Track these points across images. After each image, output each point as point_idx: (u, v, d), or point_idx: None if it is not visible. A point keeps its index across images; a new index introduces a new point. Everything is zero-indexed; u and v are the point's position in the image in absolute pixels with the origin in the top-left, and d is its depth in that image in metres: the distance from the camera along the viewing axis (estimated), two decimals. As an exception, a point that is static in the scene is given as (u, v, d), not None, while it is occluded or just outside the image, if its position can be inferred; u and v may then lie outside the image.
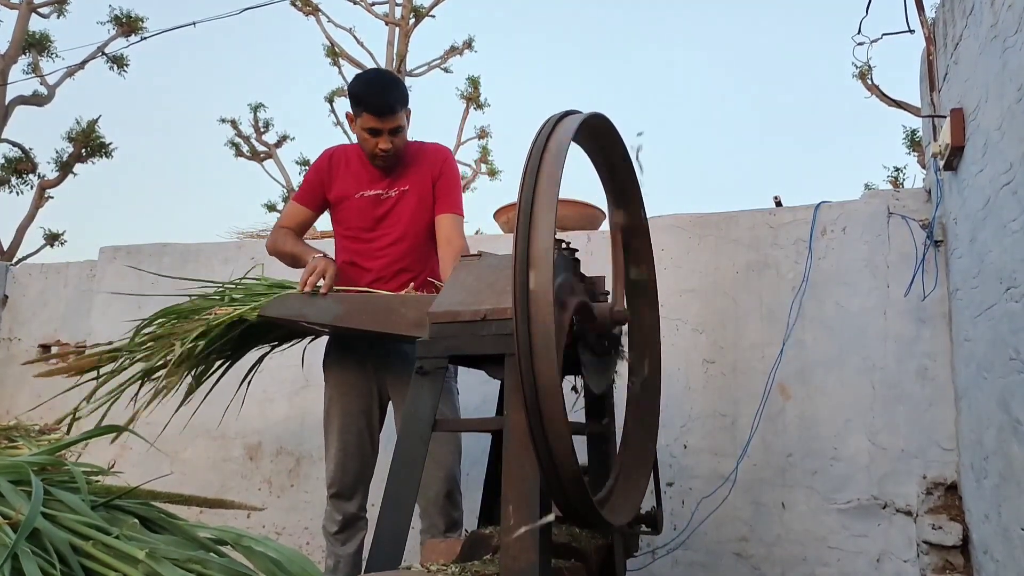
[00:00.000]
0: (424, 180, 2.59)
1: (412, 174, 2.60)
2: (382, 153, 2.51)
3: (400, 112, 2.50)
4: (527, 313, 1.47)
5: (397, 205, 2.57)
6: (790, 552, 2.88)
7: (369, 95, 2.48)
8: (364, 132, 2.50)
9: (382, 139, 2.50)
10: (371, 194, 2.59)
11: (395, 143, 2.51)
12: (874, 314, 2.89)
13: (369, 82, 2.58)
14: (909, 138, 10.01)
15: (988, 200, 2.10)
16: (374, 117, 2.47)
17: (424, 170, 2.59)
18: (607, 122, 1.93)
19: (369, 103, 2.47)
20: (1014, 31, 1.83)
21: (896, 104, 8.20)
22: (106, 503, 1.01)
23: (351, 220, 2.60)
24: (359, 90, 2.51)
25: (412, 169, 2.60)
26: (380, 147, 2.50)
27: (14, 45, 10.71)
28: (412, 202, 2.57)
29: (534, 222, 1.51)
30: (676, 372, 3.07)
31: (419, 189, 2.58)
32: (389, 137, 2.50)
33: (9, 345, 4.26)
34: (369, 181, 2.60)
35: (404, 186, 2.58)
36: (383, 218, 2.58)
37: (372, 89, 2.51)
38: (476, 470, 3.03)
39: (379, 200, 2.58)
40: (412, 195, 2.57)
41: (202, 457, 3.63)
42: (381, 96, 2.48)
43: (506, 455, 1.68)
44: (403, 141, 2.55)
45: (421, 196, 2.58)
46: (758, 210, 3.16)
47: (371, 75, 2.74)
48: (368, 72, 2.83)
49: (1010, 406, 1.96)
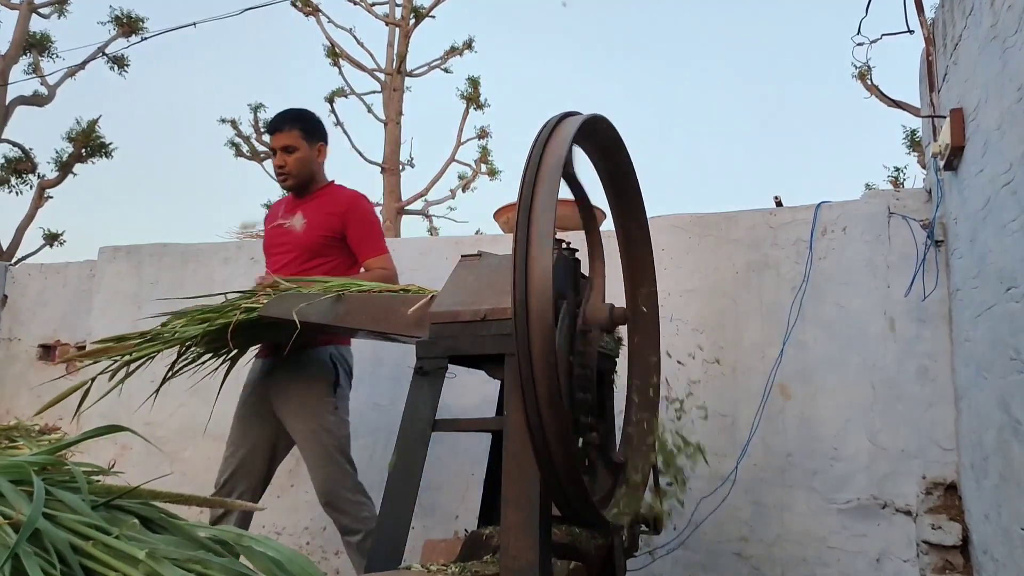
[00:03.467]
0: (325, 217, 2.76)
1: (317, 209, 2.79)
2: (278, 170, 2.78)
3: (290, 131, 2.76)
4: (527, 313, 1.47)
5: (292, 232, 2.79)
6: (790, 552, 2.88)
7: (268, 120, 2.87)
8: (271, 156, 2.82)
9: (277, 157, 2.77)
10: (278, 224, 2.84)
11: (288, 162, 2.76)
12: (874, 314, 2.89)
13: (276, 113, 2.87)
14: (909, 138, 10.02)
15: (988, 200, 2.10)
16: (269, 134, 2.81)
17: (328, 209, 2.78)
18: (607, 124, 1.93)
19: (268, 124, 2.86)
20: (1014, 31, 1.83)
21: (896, 104, 8.20)
22: (106, 503, 1.01)
23: (264, 249, 2.92)
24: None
25: (318, 204, 2.80)
26: (276, 164, 2.78)
27: (14, 45, 10.71)
28: (303, 231, 2.77)
29: (534, 222, 1.51)
30: (676, 372, 3.07)
31: (315, 221, 2.76)
32: (282, 155, 2.76)
33: (9, 345, 4.26)
34: (282, 214, 2.86)
35: (305, 219, 2.79)
36: (280, 244, 2.81)
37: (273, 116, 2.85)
38: (476, 470, 3.03)
39: (282, 229, 2.82)
40: (308, 226, 2.77)
41: (202, 457, 3.63)
42: (274, 118, 2.82)
43: (506, 455, 1.68)
44: (299, 164, 2.78)
45: (314, 227, 2.76)
46: (758, 210, 3.16)
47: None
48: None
49: (1010, 406, 1.96)
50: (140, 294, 3.89)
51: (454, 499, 3.25)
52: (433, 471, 2.88)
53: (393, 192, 10.94)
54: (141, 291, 3.89)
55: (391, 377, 3.40)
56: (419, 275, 3.16)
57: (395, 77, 11.02)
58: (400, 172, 11.12)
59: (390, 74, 11.08)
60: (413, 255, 3.54)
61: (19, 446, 1.27)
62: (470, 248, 2.86)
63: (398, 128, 11.00)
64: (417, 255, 3.54)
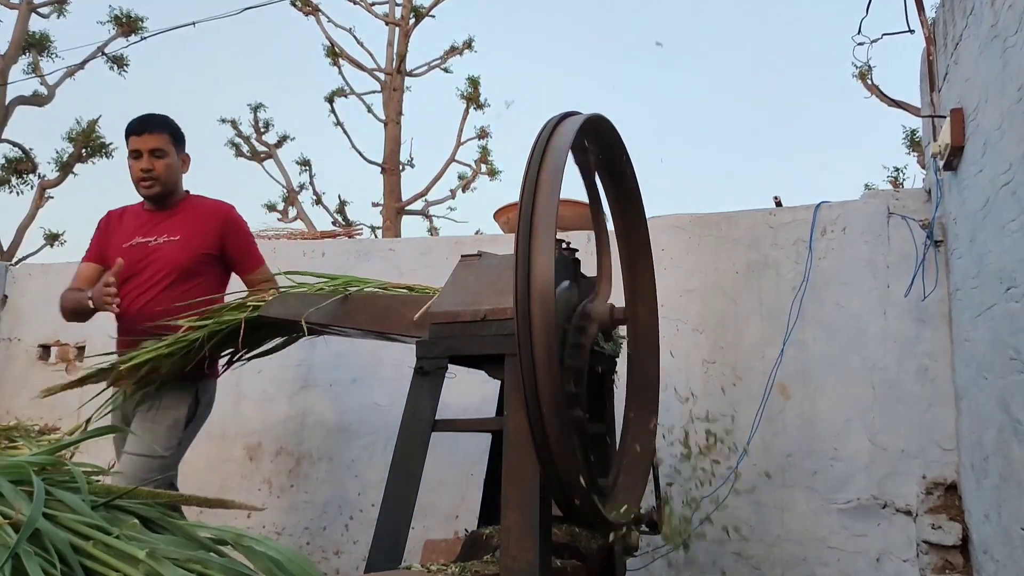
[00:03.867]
0: (200, 234, 2.59)
1: (187, 225, 2.61)
2: (144, 175, 2.55)
3: (160, 134, 2.57)
4: (527, 313, 1.47)
5: (159, 250, 2.58)
6: (790, 552, 2.88)
7: (130, 121, 2.58)
8: (129, 159, 2.58)
9: (143, 160, 2.54)
10: (139, 242, 2.60)
11: (157, 167, 2.55)
12: (874, 314, 2.89)
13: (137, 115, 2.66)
14: (909, 138, 10.00)
15: (988, 200, 2.10)
16: (134, 136, 2.56)
17: (202, 225, 2.61)
18: (607, 123, 1.93)
19: (130, 126, 2.57)
20: (1014, 31, 1.83)
21: (896, 104, 8.19)
22: (106, 503, 1.01)
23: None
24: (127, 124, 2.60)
25: (187, 219, 2.62)
26: (141, 167, 2.54)
27: (14, 45, 10.71)
28: (176, 248, 2.57)
29: (534, 222, 1.51)
30: (676, 372, 3.07)
31: (189, 238, 2.58)
32: (150, 158, 2.54)
33: (9, 345, 4.26)
34: (137, 229, 2.62)
35: (174, 235, 2.59)
36: (144, 263, 2.57)
37: (136, 117, 2.62)
38: (476, 470, 3.03)
39: (145, 247, 2.59)
40: (182, 244, 2.57)
41: (202, 457, 3.63)
42: (140, 119, 2.59)
43: (506, 455, 1.68)
44: (169, 171, 2.59)
45: (190, 245, 2.58)
46: (758, 210, 3.16)
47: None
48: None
49: (1010, 406, 1.96)
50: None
51: (454, 499, 3.25)
52: (433, 471, 2.87)
53: (393, 192, 10.94)
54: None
55: (391, 377, 3.40)
56: (419, 275, 3.16)
57: (395, 77, 11.02)
58: (400, 172, 11.12)
59: (390, 74, 11.07)
60: (413, 255, 3.55)
61: (19, 446, 1.27)
62: (470, 248, 2.86)
63: (398, 128, 11.00)
64: (417, 255, 3.54)
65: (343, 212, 12.79)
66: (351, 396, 3.52)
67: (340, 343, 3.32)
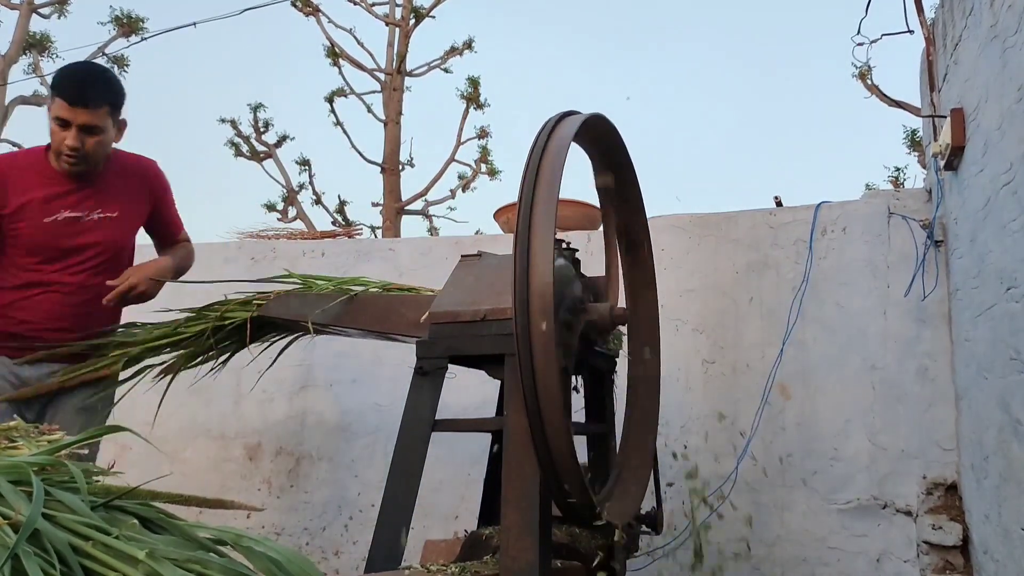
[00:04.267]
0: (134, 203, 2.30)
1: (119, 195, 2.28)
2: (68, 151, 2.13)
3: (98, 109, 2.13)
4: (527, 313, 1.47)
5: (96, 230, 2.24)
6: (790, 552, 2.88)
7: (66, 79, 2.13)
8: (53, 122, 2.13)
9: (70, 134, 2.11)
10: (66, 217, 2.20)
11: (87, 145, 2.14)
12: (874, 314, 2.89)
13: (74, 70, 2.22)
14: (909, 138, 10.00)
15: (988, 200, 2.10)
16: (66, 104, 2.10)
17: (133, 194, 2.31)
18: (607, 123, 1.93)
19: (63, 88, 2.11)
20: (1014, 31, 1.83)
21: (896, 104, 8.19)
22: (106, 503, 1.01)
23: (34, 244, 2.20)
24: (59, 74, 2.16)
25: (118, 189, 2.28)
26: (67, 143, 2.12)
27: (15, 45, 10.71)
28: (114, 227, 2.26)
29: (534, 222, 1.51)
30: (676, 372, 3.07)
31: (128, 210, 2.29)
32: (80, 135, 2.12)
33: (9, 345, 4.26)
34: (61, 201, 2.20)
35: (111, 211, 2.26)
36: (76, 251, 2.23)
37: (73, 75, 2.15)
38: (476, 470, 3.03)
39: (74, 225, 2.21)
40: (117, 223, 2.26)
41: (202, 457, 3.63)
42: (79, 84, 2.12)
43: (506, 455, 1.68)
44: (100, 148, 2.18)
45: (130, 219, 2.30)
46: (758, 210, 3.16)
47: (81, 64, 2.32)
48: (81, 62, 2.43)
49: (1010, 406, 1.96)
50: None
51: (454, 499, 3.25)
52: (433, 471, 2.88)
53: (393, 192, 10.93)
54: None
55: (391, 377, 3.40)
56: (419, 275, 3.16)
57: (395, 77, 11.02)
58: (400, 172, 11.11)
59: (390, 74, 11.07)
60: (413, 255, 3.55)
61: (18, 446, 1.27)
62: (470, 248, 2.86)
63: (398, 128, 11.00)
64: (417, 255, 3.54)
65: (343, 212, 12.78)
66: (351, 396, 3.51)
67: (340, 343, 3.32)
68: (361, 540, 3.34)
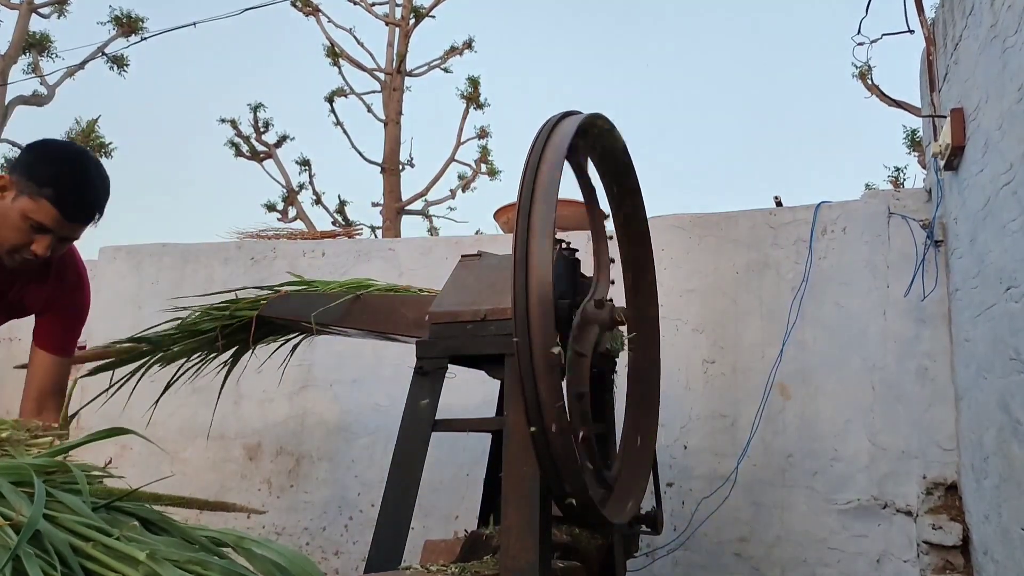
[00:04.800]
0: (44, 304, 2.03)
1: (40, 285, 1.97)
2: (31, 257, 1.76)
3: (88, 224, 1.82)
4: (527, 313, 1.47)
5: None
6: (790, 553, 2.88)
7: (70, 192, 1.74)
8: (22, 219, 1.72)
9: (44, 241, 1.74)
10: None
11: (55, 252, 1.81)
12: (874, 314, 2.89)
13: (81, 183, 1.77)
14: (909, 138, 9.99)
15: (988, 200, 2.10)
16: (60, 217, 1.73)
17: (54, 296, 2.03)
18: (607, 123, 1.93)
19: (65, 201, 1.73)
20: (1014, 31, 1.83)
21: (896, 104, 8.19)
22: (107, 504, 1.01)
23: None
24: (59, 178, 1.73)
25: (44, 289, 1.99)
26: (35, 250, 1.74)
27: (14, 45, 10.70)
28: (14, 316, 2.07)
29: (534, 222, 1.51)
30: (676, 372, 3.07)
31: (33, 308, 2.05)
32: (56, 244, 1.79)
33: (9, 345, 4.26)
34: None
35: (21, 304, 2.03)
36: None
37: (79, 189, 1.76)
38: (475, 470, 3.03)
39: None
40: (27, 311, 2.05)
41: (202, 457, 3.63)
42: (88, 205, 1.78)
43: (506, 455, 1.68)
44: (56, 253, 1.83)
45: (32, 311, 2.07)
46: (758, 210, 3.16)
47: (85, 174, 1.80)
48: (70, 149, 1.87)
49: (1010, 406, 1.96)
50: (140, 294, 3.88)
51: (454, 499, 3.25)
52: (433, 471, 2.88)
53: (393, 192, 10.94)
54: (141, 291, 3.89)
55: (391, 377, 3.40)
56: (419, 275, 3.17)
57: (395, 77, 11.02)
58: (400, 172, 11.12)
59: (390, 74, 11.07)
60: (413, 255, 3.55)
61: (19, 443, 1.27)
62: (470, 248, 2.86)
63: (398, 128, 11.00)
64: (417, 255, 3.54)
65: (343, 212, 12.78)
66: (351, 396, 3.52)
67: (340, 343, 3.32)
68: (361, 540, 3.35)
